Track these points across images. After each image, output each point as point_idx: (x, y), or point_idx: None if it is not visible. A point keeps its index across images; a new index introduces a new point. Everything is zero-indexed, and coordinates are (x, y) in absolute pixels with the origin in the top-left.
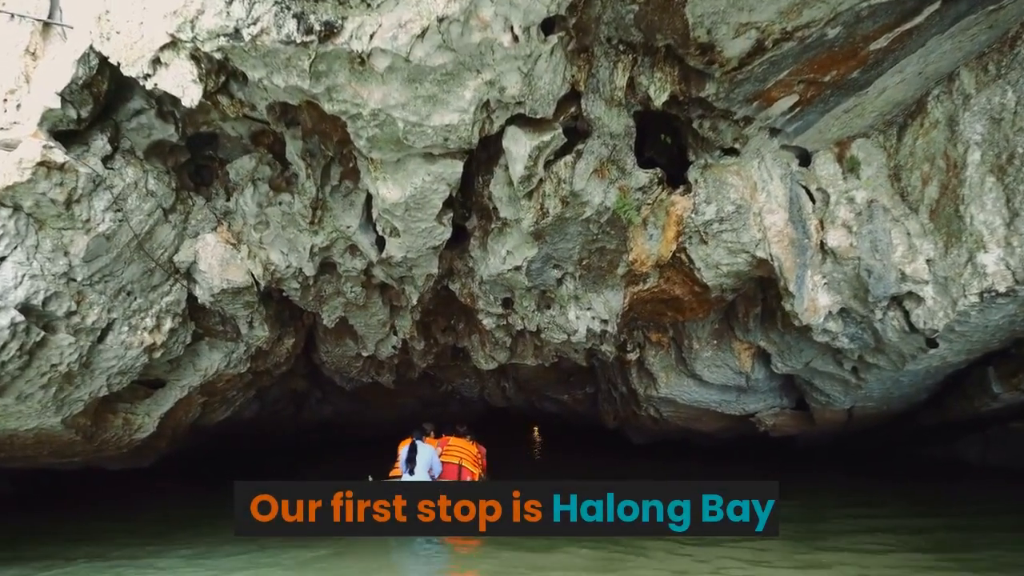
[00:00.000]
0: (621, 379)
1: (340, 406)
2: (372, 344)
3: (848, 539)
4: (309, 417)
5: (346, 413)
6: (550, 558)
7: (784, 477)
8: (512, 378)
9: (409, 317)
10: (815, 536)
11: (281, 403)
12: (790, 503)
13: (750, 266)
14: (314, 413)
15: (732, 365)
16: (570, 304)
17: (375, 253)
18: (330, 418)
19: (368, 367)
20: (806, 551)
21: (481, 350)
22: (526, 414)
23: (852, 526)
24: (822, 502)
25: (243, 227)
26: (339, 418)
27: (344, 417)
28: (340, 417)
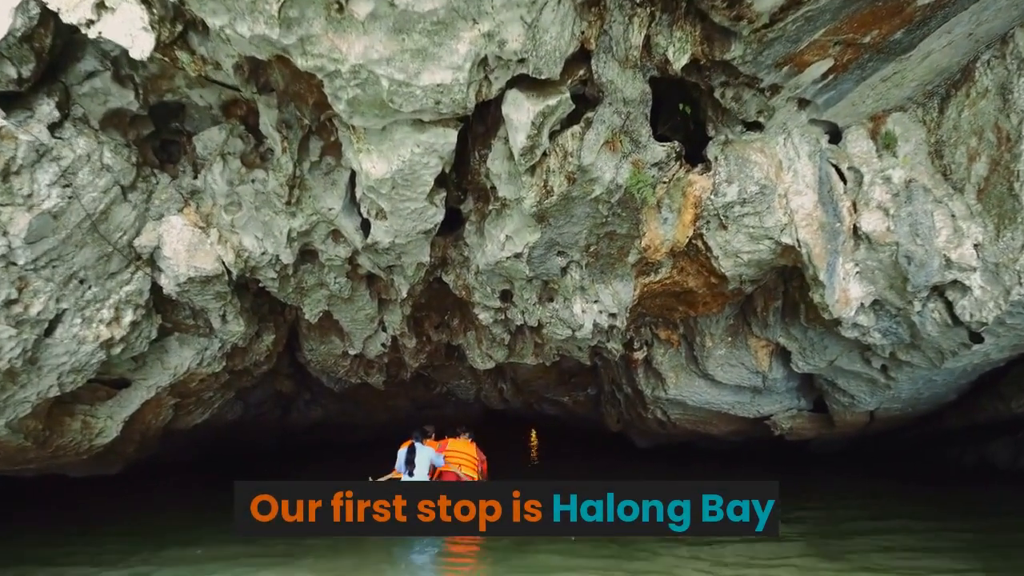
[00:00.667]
0: (626, 380)
1: (330, 408)
2: (359, 341)
3: (871, 545)
4: (298, 420)
5: (336, 416)
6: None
7: (798, 482)
8: (510, 379)
9: (399, 311)
10: (836, 543)
11: (266, 405)
12: (807, 508)
13: (773, 254)
14: (303, 416)
15: (748, 364)
16: (575, 296)
17: (360, 239)
18: (320, 421)
19: (356, 367)
20: (828, 560)
21: (477, 348)
22: (524, 417)
23: (874, 532)
24: (841, 507)
25: (212, 208)
26: (329, 421)
27: (334, 420)
28: (330, 420)
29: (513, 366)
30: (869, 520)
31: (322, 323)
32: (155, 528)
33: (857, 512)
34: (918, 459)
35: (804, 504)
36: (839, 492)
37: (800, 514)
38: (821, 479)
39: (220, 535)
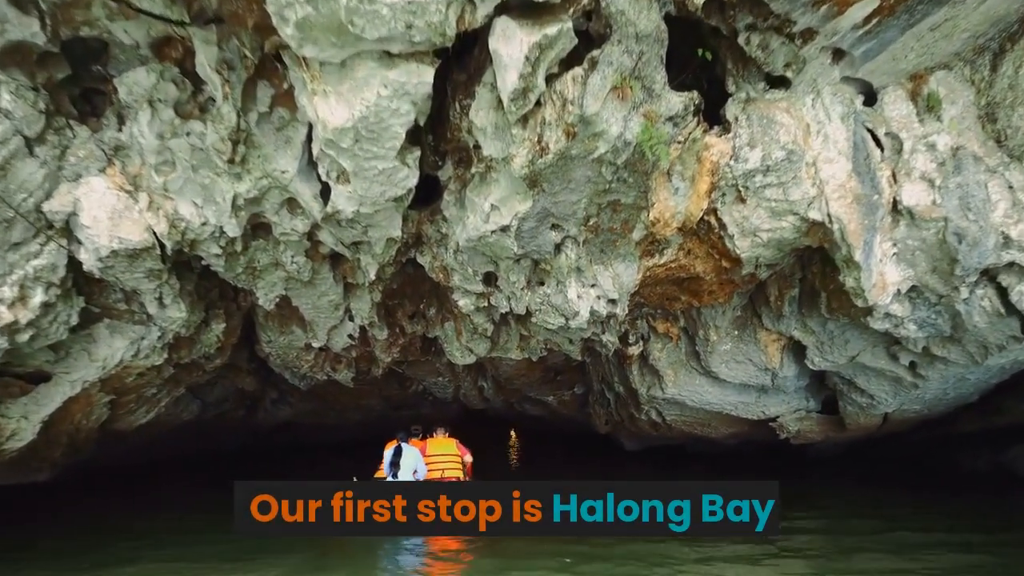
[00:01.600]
0: (618, 378)
1: (299, 408)
2: (323, 332)
3: (881, 564)
4: (265, 420)
5: (306, 415)
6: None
7: (798, 490)
8: (491, 376)
9: (368, 298)
10: (841, 562)
11: (228, 404)
12: (808, 518)
13: (797, 233)
14: (270, 415)
15: (756, 360)
16: (570, 279)
17: (319, 208)
18: (288, 421)
19: (321, 361)
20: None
21: (456, 340)
22: (504, 417)
23: (883, 547)
24: (845, 519)
25: (141, 168)
26: (299, 421)
27: (304, 420)
28: (300, 420)
29: (495, 362)
30: (876, 533)
31: (281, 311)
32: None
33: (863, 524)
34: (924, 464)
35: (803, 514)
36: (842, 501)
37: (802, 523)
38: (821, 486)
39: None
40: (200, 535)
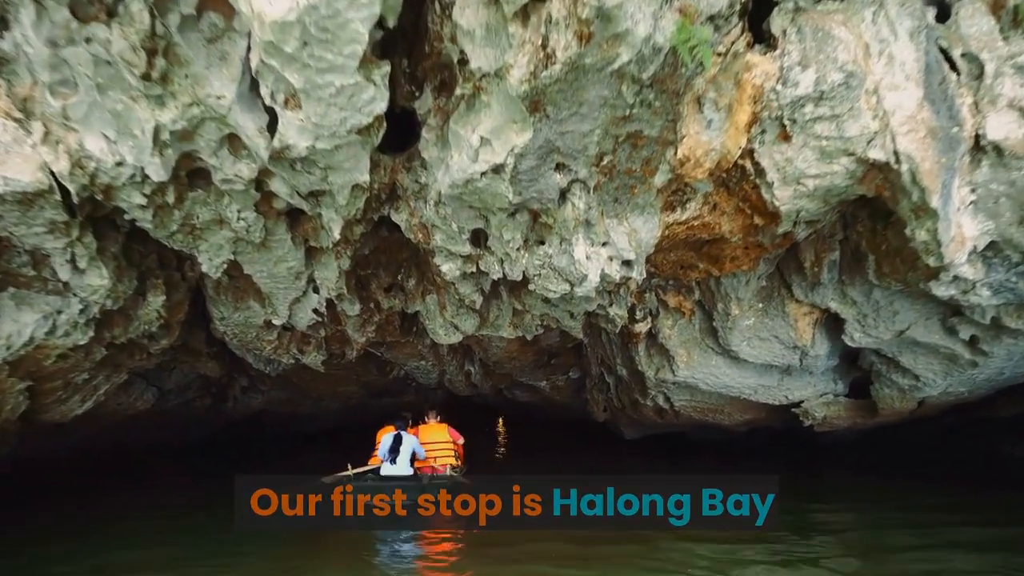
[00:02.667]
0: (622, 359)
1: (272, 396)
2: (284, 307)
3: (924, 555)
4: (236, 409)
5: (280, 404)
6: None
7: (814, 482)
8: (479, 360)
9: (334, 265)
10: (877, 553)
11: (190, 392)
12: (836, 509)
13: (850, 179)
14: (241, 404)
15: (783, 337)
16: (578, 235)
17: (265, 144)
18: (261, 410)
19: (286, 342)
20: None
21: (440, 316)
22: (493, 404)
23: (924, 538)
24: (879, 509)
25: (32, 89)
26: (273, 410)
27: (278, 409)
28: (274, 409)
29: (484, 343)
30: (915, 528)
31: (234, 282)
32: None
33: (899, 517)
34: (954, 451)
35: (830, 506)
36: (872, 493)
37: (830, 517)
38: (844, 476)
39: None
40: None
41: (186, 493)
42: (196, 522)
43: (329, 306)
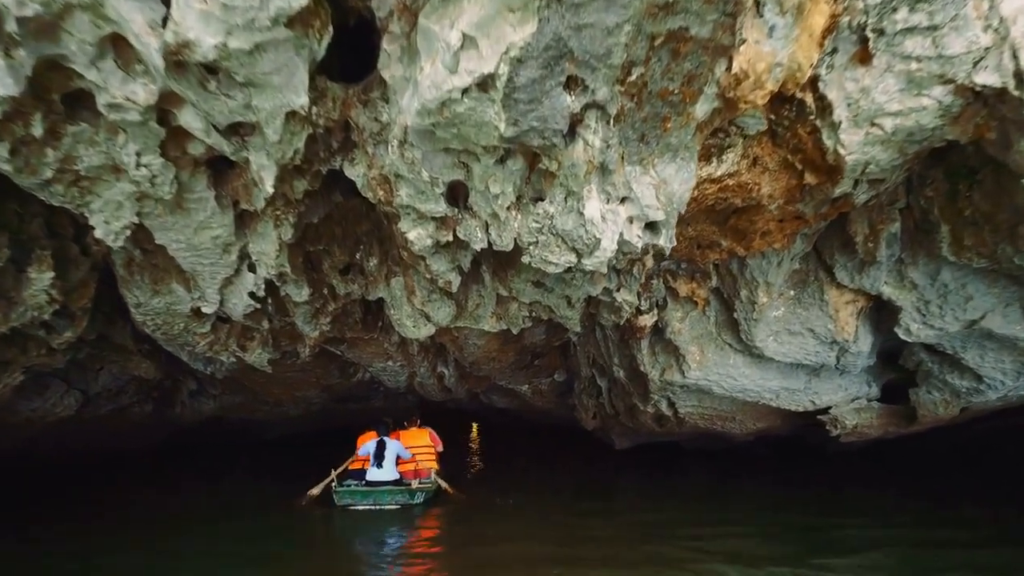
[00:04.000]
0: (619, 358)
1: (224, 400)
2: (213, 290)
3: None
4: (186, 416)
5: (234, 410)
6: None
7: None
8: (453, 361)
9: (273, 235)
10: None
11: (126, 396)
12: (871, 526)
13: (942, 117)
14: (191, 410)
15: (820, 329)
16: (590, 184)
17: (158, 45)
18: (214, 416)
19: (223, 336)
20: None
21: (407, 303)
22: (468, 410)
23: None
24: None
25: None
26: (227, 416)
27: (232, 415)
28: (227, 415)
29: (459, 340)
30: (969, 548)
31: (149, 256)
32: None
33: (945, 535)
34: (985, 458)
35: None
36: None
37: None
38: (867, 490)
39: None
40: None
41: (112, 507)
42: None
43: (271, 290)
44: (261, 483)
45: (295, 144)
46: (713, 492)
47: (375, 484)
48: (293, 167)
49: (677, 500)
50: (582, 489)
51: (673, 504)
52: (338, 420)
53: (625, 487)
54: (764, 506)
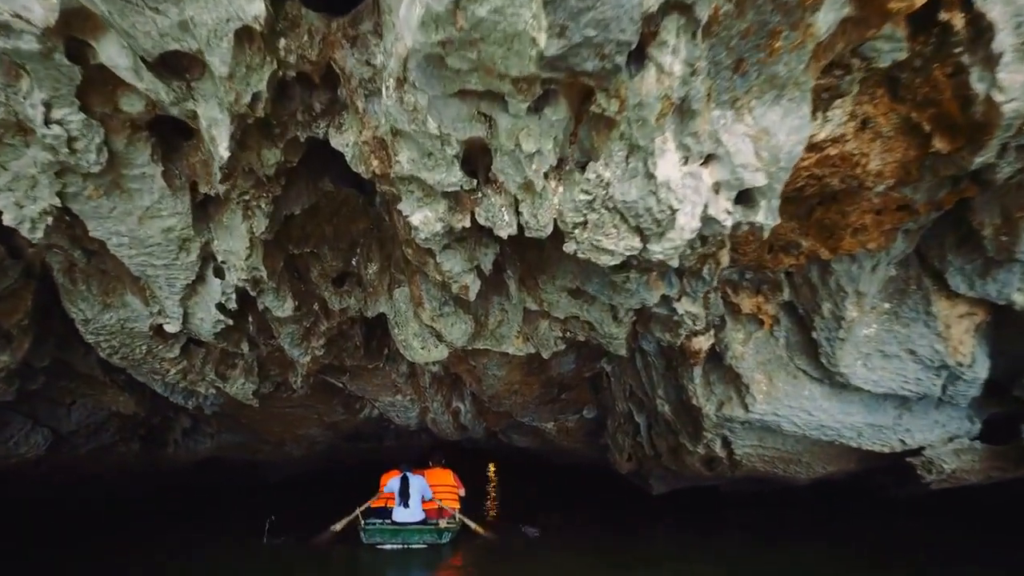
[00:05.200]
0: (664, 390)
1: (222, 440)
2: (174, 301)
3: None
4: (180, 456)
5: (233, 449)
6: None
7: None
8: (470, 395)
9: (242, 229)
10: None
11: (106, 434)
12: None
13: None
14: (185, 450)
15: (925, 350)
16: (664, 132)
17: None
18: (211, 457)
19: (198, 363)
20: None
21: (413, 319)
22: (485, 450)
23: None
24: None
25: None
26: (224, 457)
27: (231, 456)
28: (225, 456)
29: (476, 371)
30: None
31: (96, 260)
32: None
33: None
34: None
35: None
36: None
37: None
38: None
39: None
40: None
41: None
42: None
43: (247, 304)
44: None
45: (255, 85)
46: (769, 544)
47: (402, 524)
48: (258, 125)
49: (722, 555)
50: (615, 536)
51: (716, 559)
52: (348, 460)
53: (666, 538)
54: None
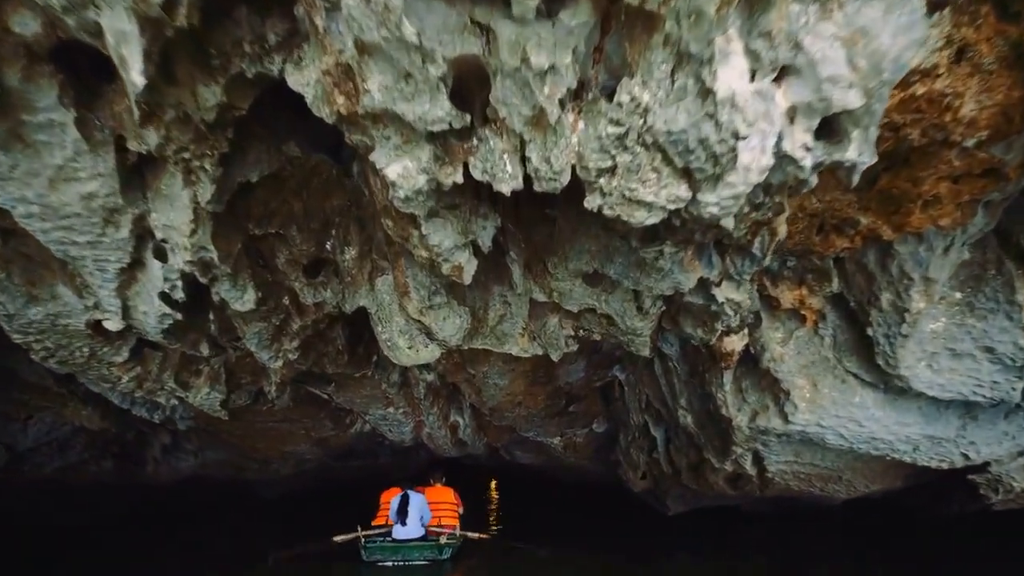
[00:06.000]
0: (688, 399)
1: (205, 457)
2: (108, 289)
3: None
4: (162, 474)
5: (217, 467)
6: None
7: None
8: (469, 407)
9: (184, 196)
10: None
11: (73, 452)
12: None
13: None
14: (167, 467)
15: (1006, 347)
16: (725, 28)
17: None
18: (194, 476)
19: (154, 369)
20: None
21: (398, 313)
22: (486, 467)
23: None
24: None
25: None
26: (209, 476)
27: (215, 473)
28: (210, 475)
29: (475, 381)
30: None
31: (8, 239)
32: None
33: None
34: None
35: None
36: None
37: None
38: None
39: None
40: None
41: None
42: None
43: (202, 296)
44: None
45: None
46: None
47: (402, 541)
48: (186, 47)
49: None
50: (627, 558)
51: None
52: (337, 480)
53: (684, 563)
54: None
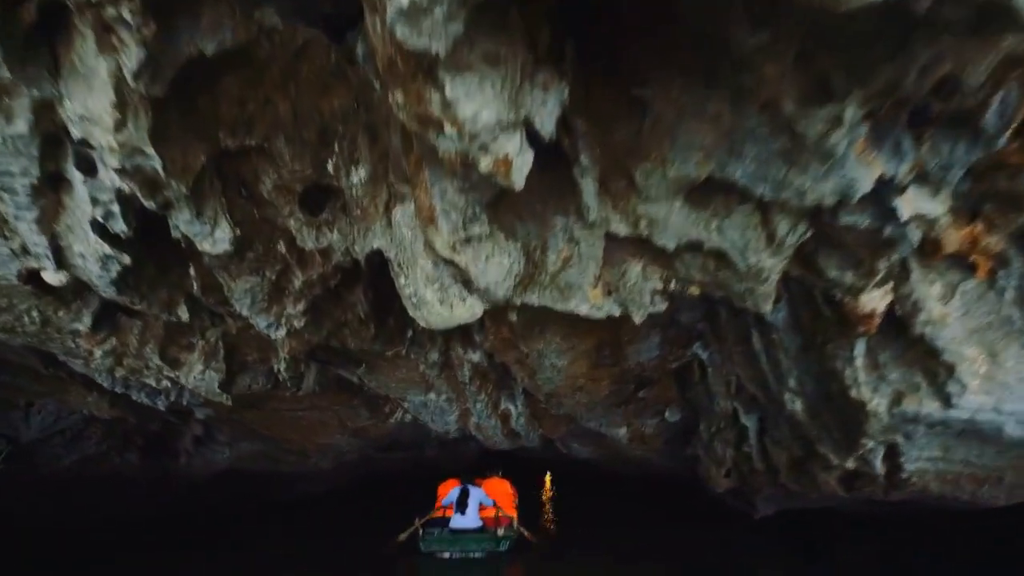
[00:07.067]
0: (798, 378)
1: (242, 449)
2: (29, 224)
3: None
4: (194, 469)
5: (252, 460)
6: None
7: None
8: (523, 393)
9: (103, 73)
10: None
11: (88, 444)
12: None
13: None
14: (199, 461)
15: None
16: None
17: None
18: (229, 470)
19: (134, 342)
20: None
21: (423, 252)
22: (539, 460)
23: None
24: None
25: None
26: (244, 468)
27: (250, 467)
28: (245, 467)
29: (529, 360)
30: None
31: None
32: None
33: None
34: None
35: None
36: None
37: None
38: None
39: None
40: None
41: None
42: None
43: (162, 229)
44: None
45: None
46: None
47: (460, 532)
48: None
49: None
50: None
51: None
52: (379, 474)
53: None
54: None
